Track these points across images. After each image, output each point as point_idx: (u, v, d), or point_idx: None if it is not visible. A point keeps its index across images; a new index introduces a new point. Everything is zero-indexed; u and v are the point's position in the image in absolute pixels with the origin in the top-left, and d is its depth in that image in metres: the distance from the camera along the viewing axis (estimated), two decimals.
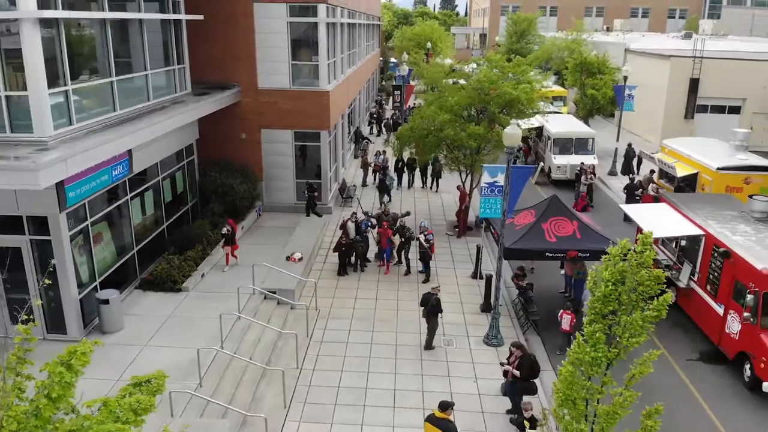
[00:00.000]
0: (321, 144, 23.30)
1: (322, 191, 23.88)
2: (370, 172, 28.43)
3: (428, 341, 14.75)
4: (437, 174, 27.36)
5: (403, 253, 19.13)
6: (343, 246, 18.69)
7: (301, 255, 18.68)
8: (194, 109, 18.60)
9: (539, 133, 31.77)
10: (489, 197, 16.15)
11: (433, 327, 14.68)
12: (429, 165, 26.81)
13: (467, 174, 22.29)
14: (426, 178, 28.30)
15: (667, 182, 24.67)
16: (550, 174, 29.48)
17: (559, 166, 28.83)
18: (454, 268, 19.50)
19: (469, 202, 22.38)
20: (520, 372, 12.08)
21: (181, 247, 17.79)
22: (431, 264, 18.75)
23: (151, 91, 17.14)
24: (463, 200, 22.17)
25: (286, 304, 16.30)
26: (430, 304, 14.51)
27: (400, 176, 28.03)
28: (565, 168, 28.63)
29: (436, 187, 28.00)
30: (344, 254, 18.82)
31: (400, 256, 19.30)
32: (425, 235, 18.41)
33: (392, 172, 27.36)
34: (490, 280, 16.46)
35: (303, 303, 16.19)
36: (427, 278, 18.49)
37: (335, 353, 14.53)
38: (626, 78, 31.26)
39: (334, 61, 24.86)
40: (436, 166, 26.42)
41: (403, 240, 18.94)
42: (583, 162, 27.05)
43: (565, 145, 29.28)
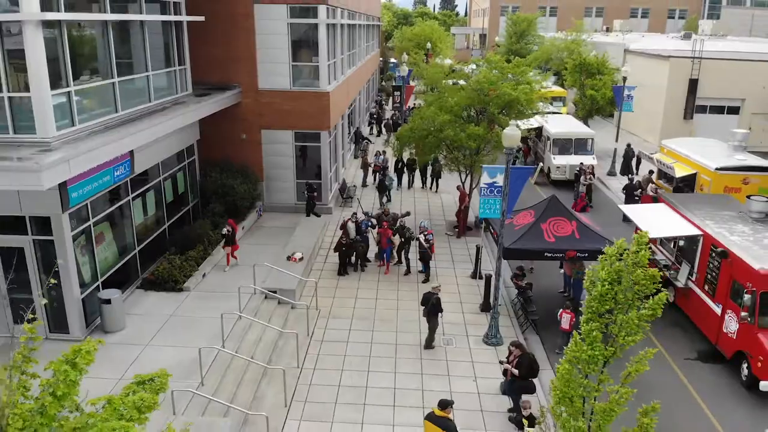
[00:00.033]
0: (321, 144, 23.40)
1: (323, 191, 23.98)
2: (370, 173, 28.53)
3: (428, 340, 14.84)
4: (437, 174, 27.46)
5: (403, 253, 19.23)
6: (344, 246, 18.79)
7: (302, 255, 18.78)
8: (195, 110, 18.70)
9: (539, 134, 31.85)
10: (488, 198, 16.27)
11: (434, 326, 14.78)
12: (429, 165, 26.91)
13: (467, 174, 22.38)
14: (426, 179, 28.40)
15: (666, 182, 24.77)
16: (549, 174, 29.58)
17: (558, 167, 28.93)
18: (454, 268, 19.60)
19: (469, 203, 22.48)
20: (518, 371, 12.20)
21: (182, 247, 17.88)
22: (431, 264, 18.85)
23: (153, 92, 17.24)
24: (463, 200, 22.27)
25: (287, 304, 16.40)
26: (430, 304, 14.60)
27: (399, 177, 28.13)
28: (565, 168, 28.73)
29: (436, 188, 28.10)
30: (344, 254, 18.91)
31: (400, 256, 19.39)
32: (425, 235, 18.50)
33: (392, 172, 27.47)
34: (489, 279, 16.56)
35: (304, 303, 16.28)
36: (426, 278, 18.59)
37: (336, 352, 14.63)
38: (625, 78, 31.35)
39: (334, 62, 24.96)
40: (435, 166, 26.51)
41: (403, 240, 19.03)
42: (583, 162, 27.14)
43: (564, 146, 29.38)
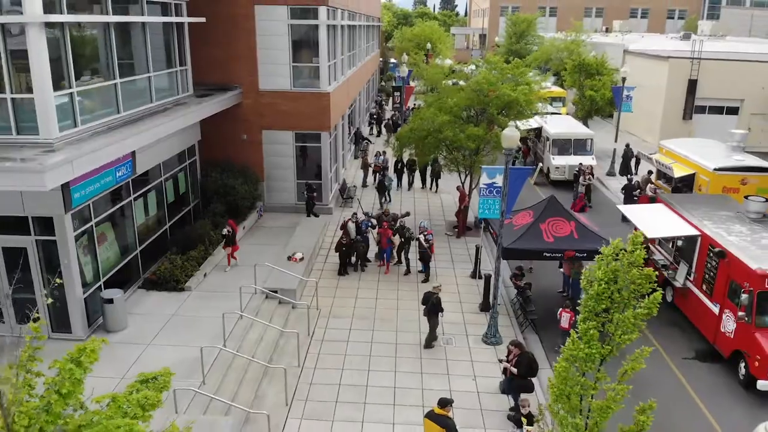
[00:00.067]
0: (321, 145, 23.50)
1: (323, 192, 24.08)
2: (371, 173, 28.63)
3: (428, 339, 14.94)
4: (437, 175, 27.56)
5: (403, 253, 19.33)
6: (344, 246, 18.89)
7: (302, 255, 18.88)
8: (196, 111, 18.79)
9: (538, 134, 31.96)
10: (488, 198, 16.37)
11: (434, 325, 14.88)
12: (428, 166, 27.01)
13: (466, 175, 22.48)
14: (426, 179, 28.50)
15: (665, 183, 24.87)
16: (548, 174, 29.68)
17: (557, 167, 29.03)
18: (454, 268, 19.70)
19: (469, 203, 22.58)
20: (517, 369, 12.32)
21: (184, 247, 17.97)
22: (431, 264, 18.95)
23: (154, 93, 17.35)
24: (463, 201, 22.37)
25: (288, 304, 16.50)
26: (430, 303, 14.71)
27: (399, 177, 28.23)
28: (564, 168, 28.83)
29: (436, 188, 28.20)
30: (345, 254, 19.01)
31: (400, 256, 19.49)
32: (425, 236, 18.60)
33: (391, 173, 27.57)
34: (488, 279, 16.66)
35: (304, 302, 16.38)
36: (426, 278, 18.69)
37: (336, 352, 14.73)
38: (624, 79, 31.47)
39: (335, 62, 25.06)
40: (435, 166, 26.61)
41: (403, 240, 19.13)
42: (582, 163, 27.24)
43: (563, 146, 29.49)
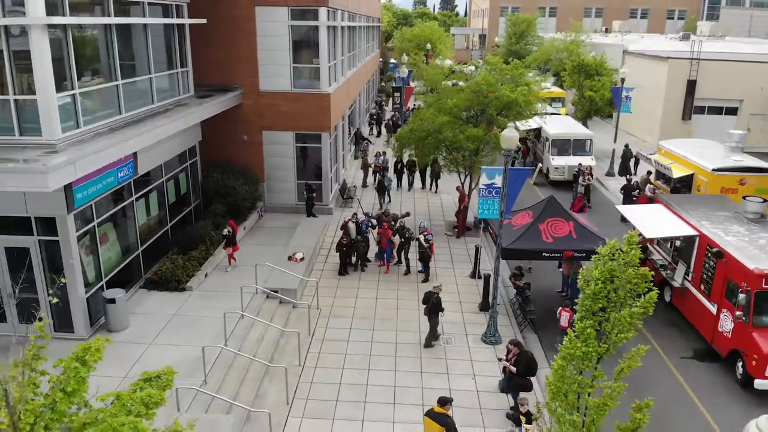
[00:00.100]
0: (322, 145, 23.60)
1: (323, 192, 24.18)
2: (371, 173, 28.73)
3: (428, 339, 15.04)
4: (436, 175, 27.66)
5: (402, 253, 19.43)
6: (344, 246, 18.99)
7: (303, 255, 18.98)
8: (197, 112, 18.89)
9: (537, 134, 32.06)
10: (487, 198, 16.47)
11: (434, 325, 14.98)
12: (428, 166, 27.11)
13: (466, 175, 22.58)
14: (426, 179, 28.60)
15: (664, 183, 24.96)
16: (548, 175, 29.78)
17: (557, 167, 29.13)
18: (453, 268, 19.80)
19: (468, 203, 22.68)
20: (516, 368, 12.43)
21: (185, 248, 18.07)
22: (431, 264, 19.05)
23: (156, 94, 17.46)
24: (462, 201, 22.47)
25: (288, 303, 16.60)
26: (431, 303, 14.81)
27: (399, 177, 28.33)
28: (563, 169, 28.93)
29: (436, 188, 28.30)
30: (345, 254, 19.12)
31: (400, 256, 19.59)
32: (425, 236, 18.69)
33: (391, 173, 27.67)
34: (488, 279, 16.77)
35: (305, 302, 16.48)
36: (426, 278, 18.79)
37: (336, 351, 14.83)
38: (623, 80, 31.57)
39: (335, 63, 25.16)
40: (435, 167, 26.71)
41: (403, 240, 19.23)
42: (581, 163, 27.35)
43: (563, 146, 29.59)
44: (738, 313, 13.67)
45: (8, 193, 12.49)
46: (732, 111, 36.60)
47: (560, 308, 14.78)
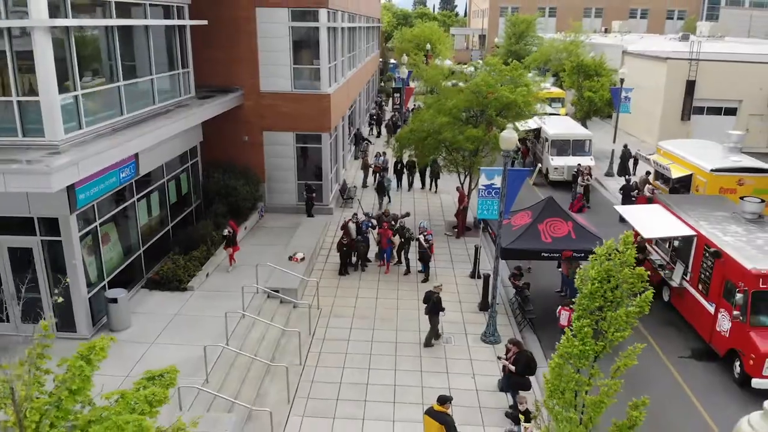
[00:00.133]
0: (322, 146, 23.70)
1: (323, 192, 24.28)
2: (371, 174, 28.82)
3: (428, 338, 15.14)
4: (436, 175, 27.75)
5: (402, 253, 19.52)
6: (345, 246, 19.09)
7: (303, 255, 19.07)
8: (198, 113, 18.99)
9: (537, 135, 32.14)
10: (486, 199, 16.57)
11: (435, 324, 15.08)
12: (428, 166, 27.19)
13: (466, 175, 22.67)
14: (425, 180, 28.69)
15: (663, 183, 25.05)
16: (547, 175, 29.88)
17: (556, 168, 29.22)
18: (453, 268, 19.90)
19: (468, 203, 22.77)
20: (515, 367, 12.53)
21: (186, 248, 18.16)
22: (430, 264, 19.14)
23: (157, 95, 17.56)
24: (462, 201, 22.56)
25: (289, 303, 16.70)
26: (431, 302, 14.91)
27: (399, 178, 28.42)
28: (563, 169, 29.02)
29: (435, 188, 28.39)
30: (345, 254, 19.21)
31: (400, 256, 19.69)
32: (425, 236, 18.78)
33: (391, 173, 27.77)
34: (487, 279, 16.86)
35: (305, 302, 16.58)
36: (426, 278, 18.88)
37: (337, 350, 14.93)
38: (623, 80, 31.65)
39: (335, 64, 25.25)
40: (434, 167, 26.81)
41: (403, 240, 19.32)
42: (580, 163, 27.43)
43: (562, 147, 29.68)
44: (735, 313, 13.76)
45: (11, 194, 12.57)
46: (731, 111, 36.68)
47: (560, 307, 14.87)
